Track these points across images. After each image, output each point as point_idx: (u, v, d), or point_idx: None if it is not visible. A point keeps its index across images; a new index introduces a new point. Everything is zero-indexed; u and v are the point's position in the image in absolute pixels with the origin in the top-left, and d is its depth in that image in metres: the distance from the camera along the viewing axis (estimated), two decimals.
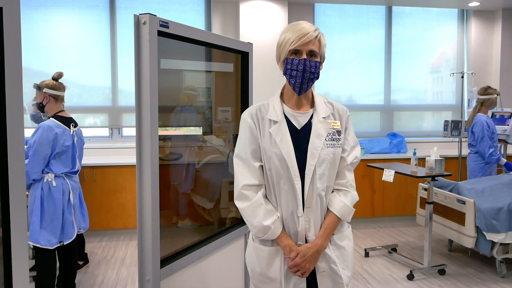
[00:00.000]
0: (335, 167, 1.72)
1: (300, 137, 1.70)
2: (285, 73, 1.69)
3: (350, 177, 1.76)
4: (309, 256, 1.66)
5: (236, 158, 1.73)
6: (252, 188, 1.68)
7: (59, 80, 3.18)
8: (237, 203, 1.70)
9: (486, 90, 4.55)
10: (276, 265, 1.70)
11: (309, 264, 1.66)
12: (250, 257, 1.78)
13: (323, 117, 1.71)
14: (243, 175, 1.69)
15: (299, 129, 1.71)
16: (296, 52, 1.64)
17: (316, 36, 1.65)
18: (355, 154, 1.77)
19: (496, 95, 4.53)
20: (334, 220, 1.72)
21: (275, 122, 1.69)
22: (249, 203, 1.67)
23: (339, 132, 1.73)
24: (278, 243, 1.69)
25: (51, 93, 3.11)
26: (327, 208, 1.73)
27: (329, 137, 1.70)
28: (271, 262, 1.70)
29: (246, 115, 1.73)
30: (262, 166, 1.70)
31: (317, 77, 1.69)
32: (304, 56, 1.63)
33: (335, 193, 1.74)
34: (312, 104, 1.76)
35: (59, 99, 3.15)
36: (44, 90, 3.10)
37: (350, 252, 1.79)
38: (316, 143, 1.67)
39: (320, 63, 1.69)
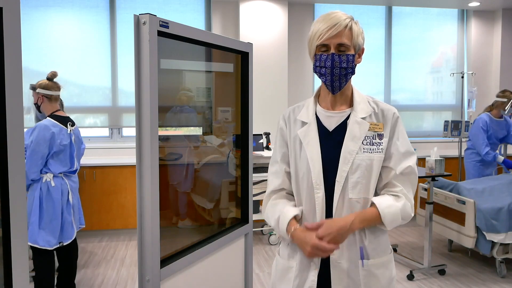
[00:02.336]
0: (373, 176, 1.48)
1: (332, 140, 1.51)
2: (314, 71, 1.51)
3: (405, 187, 1.50)
4: (335, 231, 1.40)
5: (270, 161, 1.67)
6: (276, 193, 1.62)
7: (54, 80, 3.18)
8: (262, 208, 1.66)
9: (501, 92, 4.57)
10: (287, 280, 1.56)
11: (332, 240, 1.40)
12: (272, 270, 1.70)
13: (361, 117, 1.50)
14: (271, 181, 1.64)
15: (330, 131, 1.53)
16: (324, 46, 1.46)
17: (347, 26, 1.45)
18: (407, 163, 1.49)
19: (506, 99, 4.49)
20: (374, 214, 1.46)
21: (305, 123, 1.55)
22: (270, 203, 1.62)
23: (380, 136, 1.49)
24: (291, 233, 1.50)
25: (44, 93, 3.10)
26: (371, 202, 1.49)
27: (367, 140, 1.48)
28: (284, 276, 1.58)
29: (280, 117, 1.64)
30: (289, 172, 1.61)
31: (352, 72, 1.48)
32: (333, 51, 1.44)
33: (386, 194, 1.51)
34: (351, 103, 1.55)
35: (52, 98, 3.14)
36: (37, 90, 3.10)
37: (384, 283, 1.52)
38: (350, 147, 1.47)
39: (355, 56, 1.48)
